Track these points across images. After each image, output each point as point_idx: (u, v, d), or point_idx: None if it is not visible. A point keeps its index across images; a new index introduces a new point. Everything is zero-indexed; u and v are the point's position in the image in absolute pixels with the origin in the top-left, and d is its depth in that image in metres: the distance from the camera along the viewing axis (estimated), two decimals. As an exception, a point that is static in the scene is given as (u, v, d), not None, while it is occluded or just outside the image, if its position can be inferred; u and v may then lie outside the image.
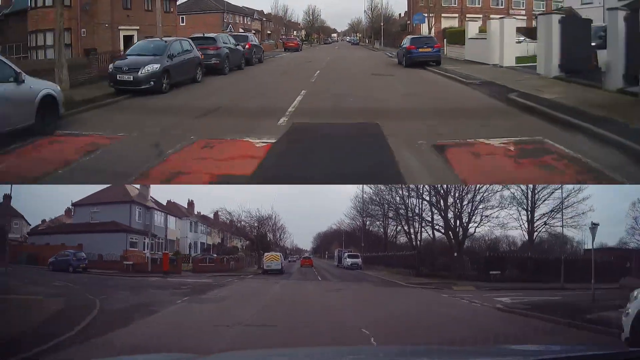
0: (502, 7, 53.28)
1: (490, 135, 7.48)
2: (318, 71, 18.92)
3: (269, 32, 74.93)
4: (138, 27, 30.58)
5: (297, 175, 6.38)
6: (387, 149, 6.85)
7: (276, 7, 74.29)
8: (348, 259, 34.55)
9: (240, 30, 54.55)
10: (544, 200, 23.90)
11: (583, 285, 13.72)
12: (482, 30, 25.89)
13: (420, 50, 20.89)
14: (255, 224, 36.07)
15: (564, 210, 22.21)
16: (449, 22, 55.59)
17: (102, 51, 22.31)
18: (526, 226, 24.71)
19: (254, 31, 54.79)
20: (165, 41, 14.88)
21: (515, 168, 6.24)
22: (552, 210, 23.74)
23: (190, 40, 16.18)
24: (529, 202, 24.14)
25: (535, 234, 25.47)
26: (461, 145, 7.11)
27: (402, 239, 37.17)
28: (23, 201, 35.31)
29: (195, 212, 41.32)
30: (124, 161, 6.49)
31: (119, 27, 32.08)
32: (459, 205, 22.93)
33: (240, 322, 7.46)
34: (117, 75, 12.86)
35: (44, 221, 37.28)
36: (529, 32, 23.26)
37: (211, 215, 43.14)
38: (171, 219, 35.92)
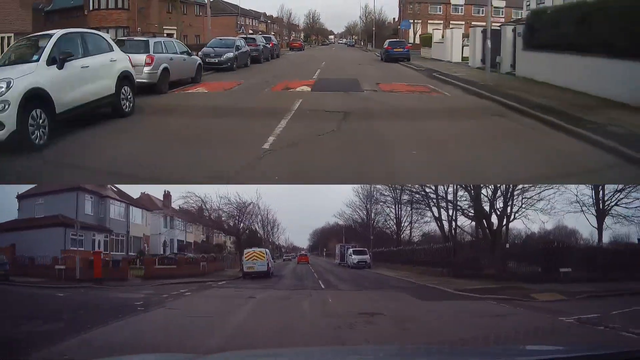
0: (483, 15, 60.32)
1: (405, 82, 17.01)
2: (324, 62, 28.26)
3: (272, 33, 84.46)
4: (176, 27, 39.70)
5: (324, 86, 15.45)
6: (357, 83, 16.36)
7: (282, 11, 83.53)
8: (354, 256, 30.29)
9: (250, 31, 63.55)
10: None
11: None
12: (443, 36, 35.59)
13: (395, 50, 30.30)
14: (236, 213, 29.04)
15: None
16: (435, 27, 63.86)
17: None
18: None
19: (260, 32, 63.72)
20: (233, 39, 24.26)
21: (405, 88, 15.68)
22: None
23: (244, 39, 25.63)
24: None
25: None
26: (386, 83, 16.63)
27: (416, 232, 33.83)
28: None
29: (177, 207, 33.62)
30: (254, 88, 15.70)
31: (164, 27, 41.28)
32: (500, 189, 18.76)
33: None
34: (206, 59, 21.94)
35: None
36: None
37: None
38: (137, 212, 30.45)
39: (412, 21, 63.98)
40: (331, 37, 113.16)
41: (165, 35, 40.76)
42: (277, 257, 68.43)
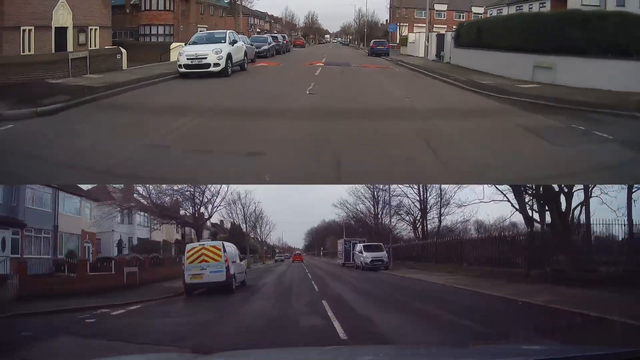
0: (463, 19, 69.23)
1: (375, 65, 29.43)
2: (325, 55, 40.49)
3: (275, 31, 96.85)
4: (207, 26, 51.39)
5: (330, 63, 27.72)
6: (349, 63, 28.85)
7: (286, 13, 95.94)
8: (366, 254, 26.83)
9: (257, 30, 75.52)
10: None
11: None
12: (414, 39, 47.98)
13: (377, 47, 42.62)
14: (187, 194, 24.94)
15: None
16: (420, 30, 75.22)
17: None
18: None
19: (266, 31, 75.44)
20: (265, 37, 36.43)
21: (374, 67, 28.01)
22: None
23: (271, 37, 37.87)
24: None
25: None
26: (365, 64, 29.05)
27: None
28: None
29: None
30: (291, 65, 27.79)
31: (198, 25, 53.26)
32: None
33: None
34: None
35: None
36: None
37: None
38: (71, 201, 25.53)
39: (399, 24, 76.00)
40: (327, 36, 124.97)
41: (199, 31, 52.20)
42: (268, 257, 66.42)
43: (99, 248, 28.09)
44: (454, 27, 73.35)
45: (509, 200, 18.78)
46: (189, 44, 20.17)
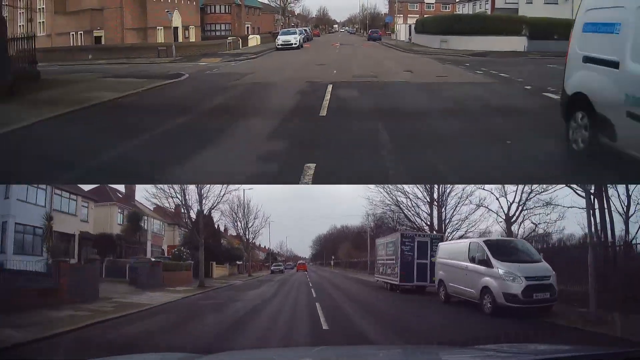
0: (449, 10, 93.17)
1: (370, 45, 52.93)
2: (339, 41, 63.93)
3: (292, 24, 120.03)
4: (250, 22, 74.74)
5: (343, 45, 50.93)
6: (354, 44, 52.43)
7: (303, 9, 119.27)
8: (500, 265, 10.88)
9: (281, 24, 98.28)
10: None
11: None
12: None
13: (373, 34, 66.11)
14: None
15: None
16: (413, 19, 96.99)
17: (244, 35, 67.28)
18: None
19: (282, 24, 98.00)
20: (298, 30, 59.72)
21: (368, 45, 51.47)
22: None
23: (301, 29, 61.31)
24: None
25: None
26: (364, 45, 52.52)
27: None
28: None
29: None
30: (320, 46, 51.10)
31: (245, 23, 76.65)
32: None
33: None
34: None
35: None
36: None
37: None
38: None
39: (395, 16, 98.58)
40: (335, 26, 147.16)
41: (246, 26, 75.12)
42: (266, 266, 56.66)
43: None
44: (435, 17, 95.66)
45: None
46: (281, 34, 43.71)
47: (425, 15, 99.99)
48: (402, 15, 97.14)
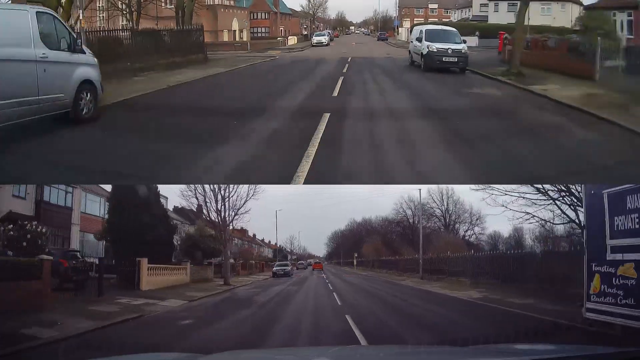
0: (449, 14, 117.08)
1: (378, 44, 75.50)
2: (354, 42, 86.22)
3: (313, 27, 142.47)
4: (283, 26, 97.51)
5: (358, 43, 73.10)
6: (367, 41, 75.19)
7: (324, 13, 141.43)
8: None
9: (304, 26, 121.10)
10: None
11: None
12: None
13: (381, 36, 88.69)
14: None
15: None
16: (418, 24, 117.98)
17: (281, 36, 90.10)
18: None
19: (306, 26, 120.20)
20: (326, 32, 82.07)
21: (373, 43, 73.74)
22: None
23: (328, 31, 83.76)
24: None
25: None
26: (374, 44, 74.94)
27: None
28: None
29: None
30: (343, 43, 73.43)
31: (279, 26, 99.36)
32: None
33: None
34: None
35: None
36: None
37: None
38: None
39: (402, 19, 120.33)
40: (351, 27, 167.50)
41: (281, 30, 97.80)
42: (270, 265, 49.79)
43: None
44: (438, 20, 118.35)
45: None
46: (315, 36, 66.56)
47: (429, 19, 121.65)
48: (409, 19, 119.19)
